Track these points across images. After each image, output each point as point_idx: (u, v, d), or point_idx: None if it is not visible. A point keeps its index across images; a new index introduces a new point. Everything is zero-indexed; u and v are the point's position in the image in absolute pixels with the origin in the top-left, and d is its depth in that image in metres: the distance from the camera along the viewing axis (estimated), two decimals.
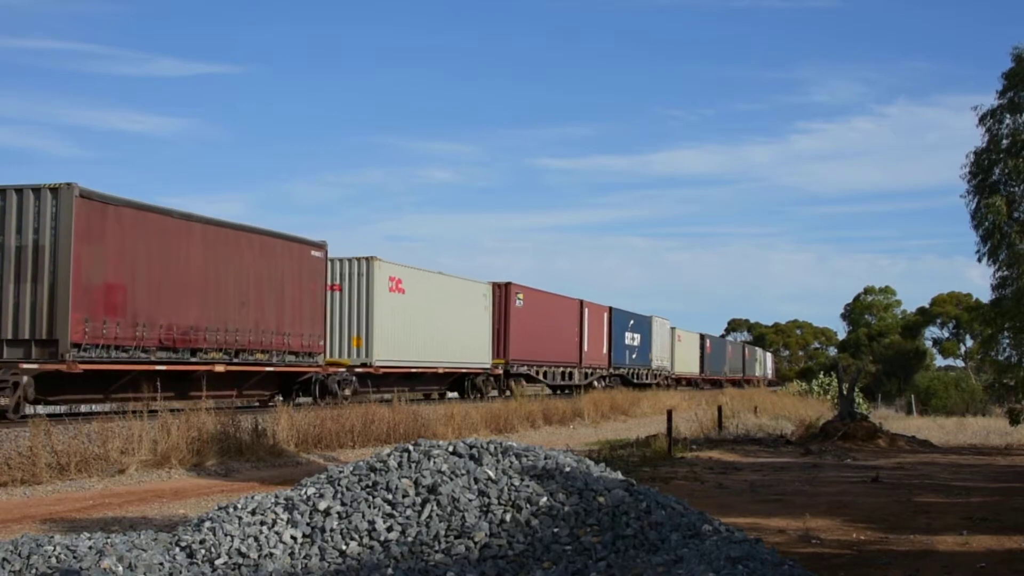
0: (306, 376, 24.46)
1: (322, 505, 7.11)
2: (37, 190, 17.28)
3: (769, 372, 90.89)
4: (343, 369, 25.89)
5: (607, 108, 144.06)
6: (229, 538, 6.77)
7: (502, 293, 35.04)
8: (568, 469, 7.64)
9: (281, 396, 24.45)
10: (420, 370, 29.73)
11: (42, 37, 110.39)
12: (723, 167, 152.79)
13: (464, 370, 32.50)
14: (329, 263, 25.65)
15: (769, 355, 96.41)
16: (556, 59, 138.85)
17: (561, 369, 40.15)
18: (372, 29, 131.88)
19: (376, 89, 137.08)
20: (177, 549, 6.71)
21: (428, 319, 29.55)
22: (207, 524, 7.00)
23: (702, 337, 64.93)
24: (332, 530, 6.87)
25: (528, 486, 7.27)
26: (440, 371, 30.86)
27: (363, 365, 26.56)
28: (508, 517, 6.93)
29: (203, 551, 6.66)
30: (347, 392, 25.49)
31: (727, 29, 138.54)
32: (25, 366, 16.78)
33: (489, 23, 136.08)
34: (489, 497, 7.13)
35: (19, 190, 17.28)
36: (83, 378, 17.77)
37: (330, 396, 24.65)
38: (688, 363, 60.76)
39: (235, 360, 21.24)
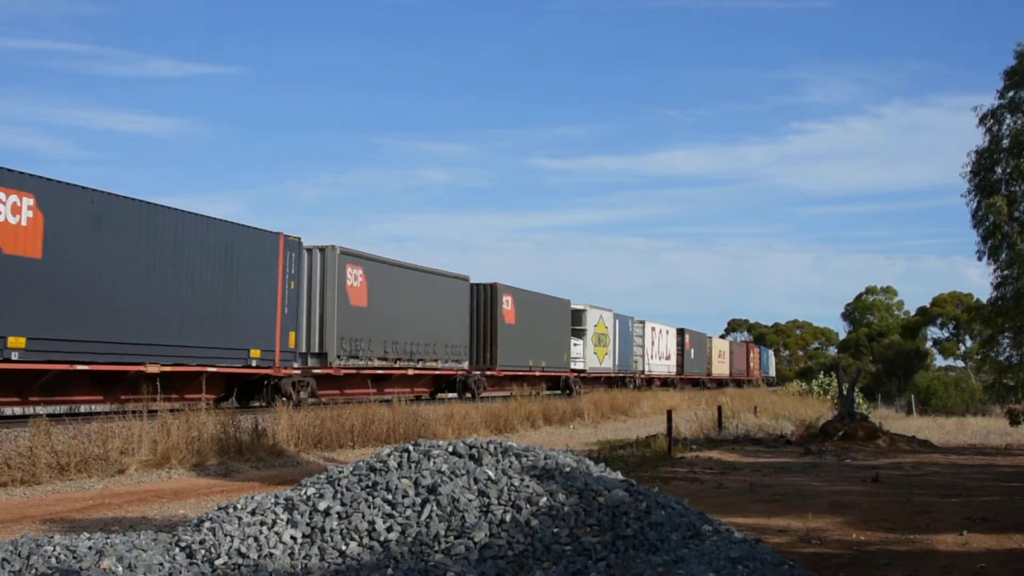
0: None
1: (322, 505, 7.10)
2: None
3: (656, 366, 53.66)
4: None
5: (603, 109, 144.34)
6: (229, 538, 6.76)
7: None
8: (568, 469, 7.63)
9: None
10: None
11: (41, 37, 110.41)
12: (720, 167, 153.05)
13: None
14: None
15: (667, 333, 56.08)
16: (552, 60, 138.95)
17: None
18: (369, 30, 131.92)
19: (373, 89, 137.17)
20: (177, 549, 6.71)
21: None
22: (207, 524, 6.99)
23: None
24: (332, 530, 6.86)
25: (528, 486, 7.26)
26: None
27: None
28: (508, 517, 6.92)
29: (203, 551, 6.65)
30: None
31: (722, 30, 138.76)
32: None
33: (486, 24, 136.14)
34: (489, 497, 7.11)
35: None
36: None
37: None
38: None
39: None
